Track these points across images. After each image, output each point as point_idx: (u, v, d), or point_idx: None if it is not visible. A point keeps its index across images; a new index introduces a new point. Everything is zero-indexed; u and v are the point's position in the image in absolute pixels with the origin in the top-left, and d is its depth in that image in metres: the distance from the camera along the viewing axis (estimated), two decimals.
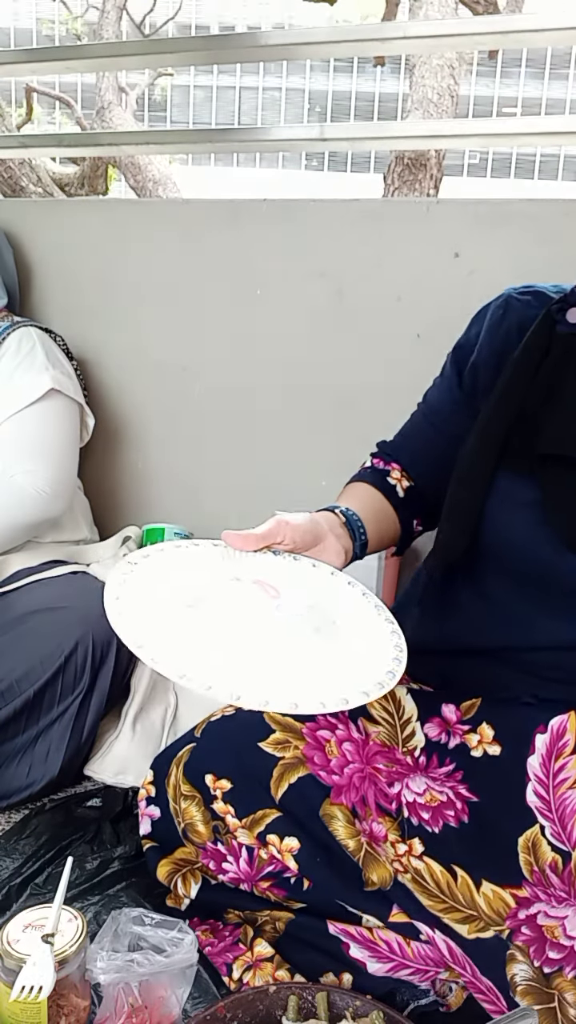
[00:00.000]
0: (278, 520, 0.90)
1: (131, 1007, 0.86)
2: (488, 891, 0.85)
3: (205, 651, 0.78)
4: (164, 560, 0.90)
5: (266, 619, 0.83)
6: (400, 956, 0.88)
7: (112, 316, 1.80)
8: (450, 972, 0.88)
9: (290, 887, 0.92)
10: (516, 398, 0.92)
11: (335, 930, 0.90)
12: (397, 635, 0.86)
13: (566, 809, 0.84)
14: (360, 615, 0.89)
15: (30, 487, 1.44)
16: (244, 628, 0.82)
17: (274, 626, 0.83)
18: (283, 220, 1.62)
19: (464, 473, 0.96)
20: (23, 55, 2.19)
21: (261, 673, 0.77)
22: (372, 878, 0.89)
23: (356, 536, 0.97)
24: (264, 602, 0.86)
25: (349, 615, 0.88)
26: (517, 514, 0.91)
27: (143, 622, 0.79)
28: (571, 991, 0.80)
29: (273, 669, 0.78)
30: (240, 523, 1.70)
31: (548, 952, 0.81)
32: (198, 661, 0.76)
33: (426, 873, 0.88)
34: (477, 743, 0.91)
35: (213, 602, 0.85)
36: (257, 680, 0.76)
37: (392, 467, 1.07)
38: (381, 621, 0.88)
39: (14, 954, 0.82)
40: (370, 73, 22.81)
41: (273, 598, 0.87)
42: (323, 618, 0.86)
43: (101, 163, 6.07)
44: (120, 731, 1.39)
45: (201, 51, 2.05)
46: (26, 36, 20.38)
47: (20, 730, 1.30)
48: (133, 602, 0.81)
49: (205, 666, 0.75)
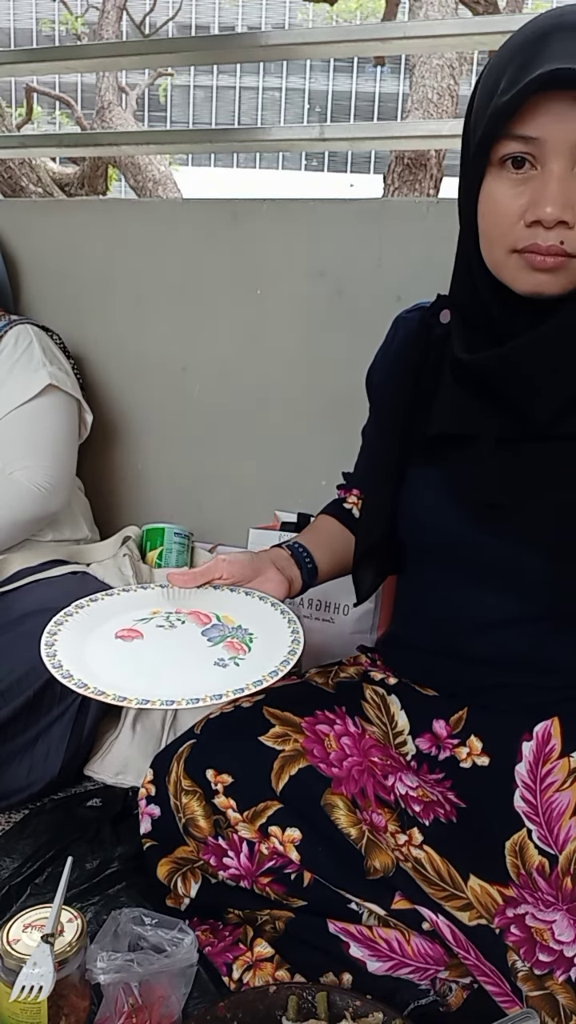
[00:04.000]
0: (217, 558, 1.05)
1: (131, 1007, 0.86)
2: (476, 886, 0.87)
3: (134, 670, 0.94)
4: (110, 604, 1.07)
5: (194, 640, 0.99)
6: (400, 955, 0.88)
7: (112, 316, 1.80)
8: (450, 971, 0.89)
9: (290, 883, 0.92)
10: (404, 400, 1.01)
11: (335, 929, 0.90)
12: (297, 632, 0.99)
13: (553, 812, 0.85)
14: (272, 623, 1.02)
15: (28, 483, 1.44)
16: (172, 650, 0.98)
17: (198, 643, 0.99)
18: (283, 220, 1.62)
19: (372, 469, 1.09)
20: (23, 55, 2.20)
21: (175, 679, 0.92)
22: (375, 865, 0.90)
23: (303, 565, 1.09)
24: (193, 628, 1.02)
25: (262, 624, 1.03)
26: (426, 497, 0.98)
27: (77, 656, 0.94)
28: (563, 993, 0.80)
29: (188, 674, 0.93)
30: (240, 522, 1.71)
31: (538, 954, 0.82)
32: (124, 678, 0.91)
33: (426, 862, 0.89)
34: (466, 755, 0.95)
35: (150, 633, 1.01)
36: (169, 685, 0.90)
37: (350, 494, 1.18)
38: (285, 623, 1.02)
39: (14, 954, 0.82)
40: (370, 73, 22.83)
41: (204, 623, 1.02)
42: (244, 633, 1.01)
43: (101, 163, 6.08)
44: (120, 731, 1.39)
45: (201, 51, 2.05)
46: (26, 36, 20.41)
47: (20, 730, 1.30)
48: (68, 642, 0.97)
49: (129, 682, 0.91)
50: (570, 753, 0.88)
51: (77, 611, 1.03)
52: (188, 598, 1.06)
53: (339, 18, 10.67)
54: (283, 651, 0.96)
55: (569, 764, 0.88)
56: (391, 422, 1.02)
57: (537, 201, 0.79)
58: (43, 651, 0.94)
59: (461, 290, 0.94)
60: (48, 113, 11.87)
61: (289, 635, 0.99)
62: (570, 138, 0.77)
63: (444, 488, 0.95)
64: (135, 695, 0.87)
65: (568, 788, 0.86)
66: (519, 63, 0.78)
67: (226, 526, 1.76)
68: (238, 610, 1.04)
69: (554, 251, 0.80)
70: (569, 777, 0.87)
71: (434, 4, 4.88)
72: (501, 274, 0.85)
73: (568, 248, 0.80)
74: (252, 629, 1.02)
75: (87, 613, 1.03)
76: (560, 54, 0.75)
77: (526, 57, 0.78)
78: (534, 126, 0.78)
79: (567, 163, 0.78)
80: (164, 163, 6.11)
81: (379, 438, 1.08)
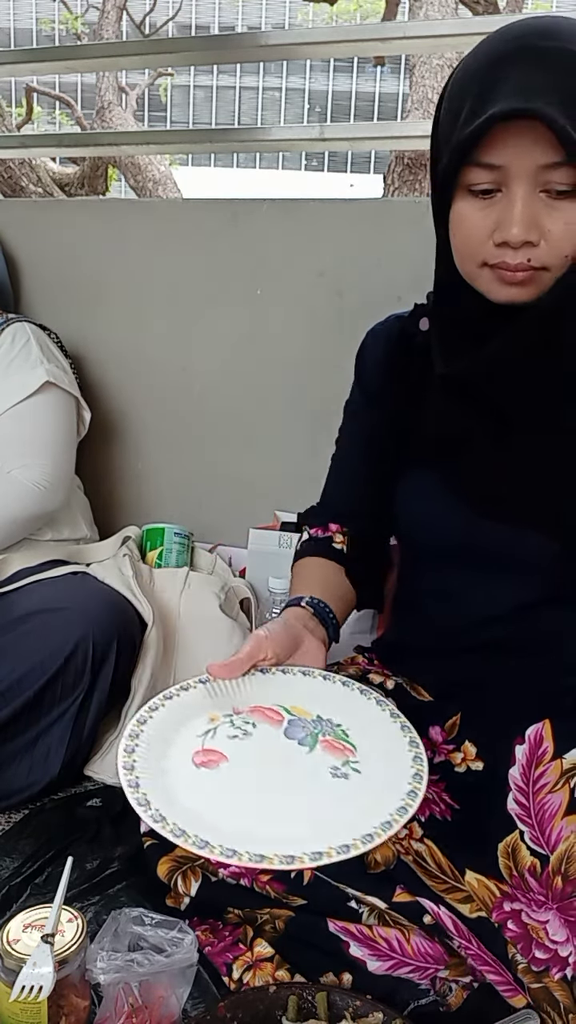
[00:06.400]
0: (256, 637, 0.94)
1: (131, 1007, 0.86)
2: (472, 880, 0.88)
3: (243, 806, 0.79)
4: (161, 721, 0.89)
5: (282, 748, 0.86)
6: (400, 954, 0.88)
7: (112, 316, 1.80)
8: (450, 971, 0.89)
9: (290, 881, 0.92)
10: (395, 407, 1.04)
11: (335, 928, 0.90)
12: (396, 715, 0.89)
13: (545, 813, 0.86)
14: (350, 703, 0.92)
15: (27, 481, 1.44)
16: (270, 767, 0.84)
17: (290, 751, 0.86)
18: (283, 220, 1.62)
19: (365, 479, 1.10)
20: (23, 55, 2.20)
21: (300, 810, 0.79)
22: (376, 857, 0.90)
23: (328, 623, 1.03)
24: (270, 731, 0.88)
25: (340, 707, 0.92)
26: (424, 498, 1.00)
27: (167, 801, 0.79)
28: (559, 991, 0.81)
29: (312, 796, 0.80)
30: (240, 522, 1.71)
31: (535, 951, 0.83)
32: (222, 826, 0.76)
33: (427, 855, 0.90)
34: (461, 760, 0.96)
35: (230, 750, 0.85)
36: (298, 821, 0.77)
37: (331, 530, 1.13)
38: (363, 699, 0.92)
39: (14, 954, 0.82)
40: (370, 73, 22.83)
41: (278, 722, 0.89)
42: (331, 726, 0.89)
43: (101, 163, 6.08)
44: (120, 731, 1.39)
45: (201, 51, 2.05)
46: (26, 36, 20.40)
47: (20, 731, 1.30)
48: (151, 786, 0.80)
49: (230, 830, 0.75)
50: (563, 755, 0.89)
51: (136, 743, 0.85)
52: (237, 691, 0.93)
53: (339, 18, 10.66)
54: (397, 740, 0.86)
55: (562, 766, 0.88)
56: (385, 429, 1.05)
57: (503, 223, 0.83)
58: (139, 811, 0.78)
59: (443, 297, 0.98)
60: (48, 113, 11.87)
61: (387, 718, 0.89)
62: (532, 164, 0.80)
63: (441, 488, 0.98)
64: (271, 849, 0.73)
65: (560, 789, 0.87)
66: (479, 93, 0.81)
67: (226, 526, 1.76)
68: (303, 697, 0.92)
69: (522, 268, 0.84)
70: (561, 778, 0.87)
71: (434, 4, 4.88)
72: (476, 284, 0.89)
73: (535, 264, 0.84)
74: (336, 718, 0.90)
75: (146, 743, 0.85)
76: (519, 89, 0.79)
77: (486, 86, 0.81)
78: (497, 155, 0.82)
79: (530, 186, 0.82)
80: (164, 163, 6.11)
81: (369, 448, 1.10)
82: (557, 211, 0.82)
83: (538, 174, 0.81)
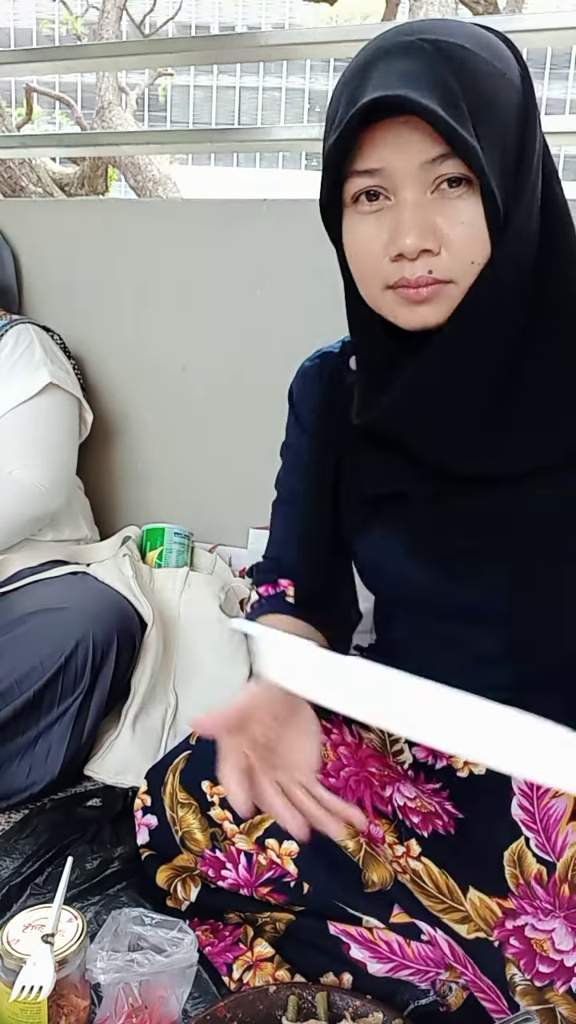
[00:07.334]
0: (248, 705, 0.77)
1: (131, 1007, 0.86)
2: (475, 898, 0.86)
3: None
4: None
5: None
6: (400, 957, 0.88)
7: (112, 316, 1.80)
8: (450, 972, 0.88)
9: (290, 891, 0.92)
10: (330, 461, 0.94)
11: (335, 930, 0.90)
12: None
13: (550, 819, 0.85)
14: None
15: (29, 482, 1.44)
16: None
17: None
18: (283, 220, 1.62)
19: (313, 538, 0.98)
20: (23, 55, 2.20)
21: None
22: (372, 878, 0.89)
23: None
24: None
25: None
26: (386, 551, 0.90)
27: None
28: (564, 1004, 0.80)
29: None
30: (240, 522, 1.71)
31: (538, 966, 0.82)
32: None
33: (424, 874, 0.89)
34: (463, 765, 0.93)
35: None
36: None
37: (282, 585, 1.02)
38: None
39: (14, 954, 0.82)
40: None
41: None
42: None
43: (101, 163, 6.07)
44: (120, 731, 1.39)
45: (201, 51, 2.05)
46: (26, 36, 20.39)
47: (20, 731, 1.30)
48: None
49: None
50: None
51: None
52: None
53: (339, 18, 10.66)
54: None
55: None
56: (333, 477, 0.94)
57: (395, 233, 0.74)
58: None
59: (355, 333, 0.89)
60: (48, 113, 11.86)
61: None
62: (413, 163, 0.72)
63: (390, 544, 0.89)
64: None
65: (565, 794, 0.86)
66: (346, 99, 0.74)
67: (226, 526, 1.76)
68: None
69: (424, 281, 0.74)
70: None
71: (434, 4, 4.88)
72: (382, 311, 0.80)
73: (438, 275, 0.74)
74: None
75: None
76: (380, 83, 0.70)
77: (351, 91, 0.73)
78: (374, 158, 0.73)
79: (419, 188, 0.72)
80: (164, 163, 6.10)
81: (317, 505, 0.97)
82: (453, 211, 0.72)
83: (424, 172, 0.72)
